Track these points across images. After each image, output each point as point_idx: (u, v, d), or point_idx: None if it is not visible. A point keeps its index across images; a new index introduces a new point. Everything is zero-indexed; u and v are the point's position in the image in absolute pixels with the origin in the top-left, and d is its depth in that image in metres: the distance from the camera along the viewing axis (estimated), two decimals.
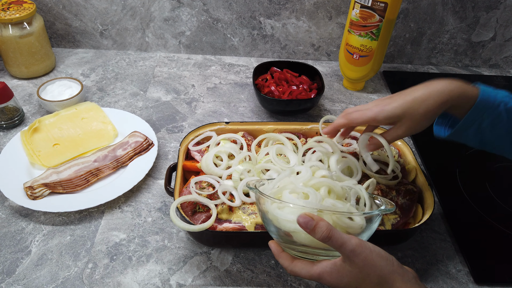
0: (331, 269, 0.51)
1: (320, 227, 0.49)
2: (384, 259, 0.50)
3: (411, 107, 0.60)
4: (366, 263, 0.49)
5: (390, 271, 0.50)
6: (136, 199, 0.80)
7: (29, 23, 1.03)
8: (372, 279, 0.49)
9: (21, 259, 0.69)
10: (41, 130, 0.90)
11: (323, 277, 0.51)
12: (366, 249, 0.49)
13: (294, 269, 0.53)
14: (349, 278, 0.50)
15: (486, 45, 1.25)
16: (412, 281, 0.51)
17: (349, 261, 0.49)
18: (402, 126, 0.62)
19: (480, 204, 0.83)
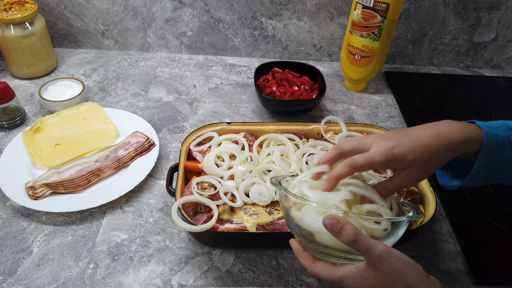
0: (354, 273, 0.49)
1: (346, 230, 0.47)
2: (410, 268, 0.48)
3: (423, 155, 0.53)
4: (392, 271, 0.47)
5: (416, 280, 0.48)
6: (138, 199, 0.80)
7: (31, 23, 1.03)
8: (397, 287, 0.48)
9: (23, 259, 0.69)
10: (43, 130, 0.90)
11: (344, 281, 0.50)
12: (392, 256, 0.48)
13: (315, 270, 0.52)
14: (372, 284, 0.48)
15: (488, 46, 1.25)
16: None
17: (374, 267, 0.48)
18: (410, 174, 0.55)
19: (482, 205, 0.83)
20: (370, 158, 0.53)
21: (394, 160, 0.53)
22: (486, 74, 1.28)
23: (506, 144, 0.56)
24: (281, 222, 0.68)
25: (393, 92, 1.15)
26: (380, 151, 0.53)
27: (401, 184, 0.56)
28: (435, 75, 1.25)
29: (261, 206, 0.70)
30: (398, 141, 0.54)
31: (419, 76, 1.24)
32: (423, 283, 0.48)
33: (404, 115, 1.07)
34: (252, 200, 0.69)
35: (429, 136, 0.54)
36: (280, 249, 0.73)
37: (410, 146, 0.53)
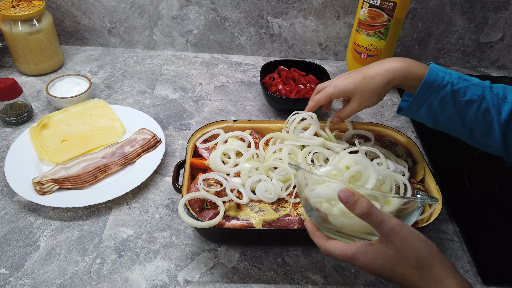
0: (366, 249, 0.49)
1: (360, 202, 0.48)
2: (423, 242, 0.49)
3: (361, 83, 0.67)
4: (404, 244, 0.47)
5: (429, 255, 0.48)
6: (144, 195, 0.80)
7: (38, 20, 1.03)
8: (409, 261, 0.48)
9: (30, 253, 0.69)
10: (50, 126, 0.90)
11: (357, 258, 0.50)
12: (405, 229, 0.48)
13: (328, 247, 0.53)
14: (384, 259, 0.48)
15: (494, 46, 1.24)
16: (452, 269, 0.49)
17: (387, 241, 0.48)
18: (355, 101, 0.70)
19: (488, 204, 0.83)
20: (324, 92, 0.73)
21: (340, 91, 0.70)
22: (493, 74, 1.27)
23: (447, 89, 0.60)
24: (287, 219, 0.68)
25: (399, 91, 1.15)
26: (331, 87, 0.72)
27: (350, 109, 0.72)
28: None
29: (267, 203, 0.70)
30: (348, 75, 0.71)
31: None
32: (435, 258, 0.48)
33: None
34: (258, 197, 0.69)
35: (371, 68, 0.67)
36: (285, 246, 0.73)
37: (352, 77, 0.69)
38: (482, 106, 0.61)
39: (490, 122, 0.61)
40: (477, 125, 0.62)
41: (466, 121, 0.62)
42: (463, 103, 0.61)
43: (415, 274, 0.48)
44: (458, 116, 0.62)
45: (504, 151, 0.64)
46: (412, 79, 0.64)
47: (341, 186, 0.51)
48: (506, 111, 0.60)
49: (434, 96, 0.62)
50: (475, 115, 0.61)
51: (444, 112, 0.63)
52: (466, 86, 0.61)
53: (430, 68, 0.63)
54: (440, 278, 0.47)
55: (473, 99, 0.61)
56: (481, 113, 0.61)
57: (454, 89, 0.61)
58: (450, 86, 0.61)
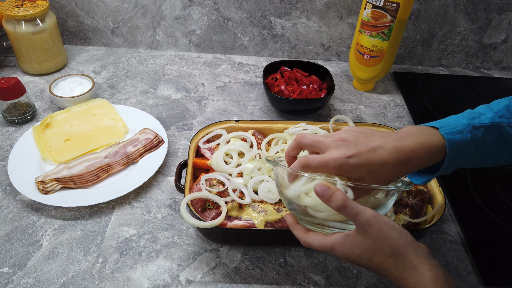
0: (344, 240, 0.51)
1: (336, 195, 0.49)
2: (397, 232, 0.50)
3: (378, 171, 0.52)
4: (380, 234, 0.49)
5: (403, 243, 0.50)
6: (146, 195, 0.80)
7: (42, 20, 1.04)
8: (384, 250, 0.49)
9: (32, 252, 0.69)
10: (53, 126, 0.91)
11: (335, 248, 0.51)
12: (380, 220, 0.49)
13: (308, 240, 0.54)
14: (361, 249, 0.50)
15: (498, 47, 1.24)
16: (425, 256, 0.50)
17: (363, 231, 0.49)
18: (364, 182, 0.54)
19: (491, 206, 0.82)
20: (325, 163, 0.52)
21: (348, 171, 0.52)
22: (496, 75, 1.27)
23: (470, 147, 0.56)
24: None
25: (402, 92, 1.15)
26: (336, 158, 0.51)
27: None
28: (444, 76, 1.24)
29: (269, 204, 0.70)
30: (357, 150, 0.52)
31: (428, 76, 1.23)
32: (409, 246, 0.50)
33: (413, 115, 1.07)
34: (260, 197, 0.69)
35: (389, 152, 0.52)
36: (287, 246, 0.73)
37: (367, 159, 0.52)
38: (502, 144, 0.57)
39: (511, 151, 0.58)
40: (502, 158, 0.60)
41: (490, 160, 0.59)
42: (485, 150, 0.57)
43: (391, 262, 0.49)
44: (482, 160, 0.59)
45: None
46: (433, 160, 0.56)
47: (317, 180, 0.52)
48: None
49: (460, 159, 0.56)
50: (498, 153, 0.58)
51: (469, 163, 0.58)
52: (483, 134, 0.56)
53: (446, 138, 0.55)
54: (414, 265, 0.49)
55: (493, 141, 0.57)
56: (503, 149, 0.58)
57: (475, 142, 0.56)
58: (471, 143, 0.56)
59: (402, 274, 0.49)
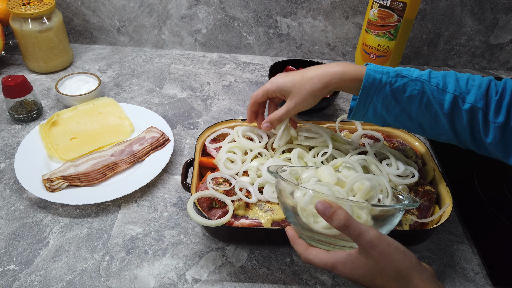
0: (346, 259, 0.50)
1: (338, 214, 0.48)
2: (402, 254, 0.49)
3: (299, 82, 0.66)
4: (383, 256, 0.48)
5: (408, 267, 0.48)
6: (152, 193, 0.80)
7: (48, 18, 1.04)
8: (388, 273, 0.48)
9: (39, 250, 0.69)
10: (59, 124, 0.91)
11: (337, 267, 0.50)
12: (384, 242, 0.48)
13: (309, 256, 0.53)
14: (363, 271, 0.49)
15: (505, 47, 1.23)
16: (431, 280, 0.49)
17: (365, 253, 0.48)
18: (291, 100, 0.68)
19: (498, 206, 0.82)
20: (262, 87, 0.71)
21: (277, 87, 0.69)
22: (502, 76, 1.26)
23: (387, 89, 0.61)
24: None
25: None
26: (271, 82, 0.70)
27: (286, 108, 0.69)
28: None
29: (276, 203, 0.70)
30: (287, 74, 0.69)
31: None
32: (414, 270, 0.49)
33: None
34: (266, 198, 0.69)
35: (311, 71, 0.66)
36: None
37: (291, 76, 0.68)
38: (423, 100, 0.61)
39: (435, 113, 0.62)
40: (424, 118, 0.63)
41: (412, 116, 0.63)
42: (404, 100, 0.61)
43: (394, 286, 0.48)
44: (404, 113, 0.63)
45: (455, 139, 0.65)
46: (350, 81, 0.64)
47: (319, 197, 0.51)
48: (448, 101, 0.60)
49: (376, 99, 0.63)
50: (419, 110, 0.62)
51: (390, 112, 0.64)
52: (405, 83, 0.61)
53: (366, 71, 0.63)
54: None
55: (413, 95, 0.61)
56: (424, 107, 0.61)
57: (393, 88, 0.61)
58: (388, 87, 0.61)
59: None
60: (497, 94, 0.60)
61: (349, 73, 0.64)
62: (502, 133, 0.60)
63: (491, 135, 0.60)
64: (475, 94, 0.60)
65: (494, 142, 0.61)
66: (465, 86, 0.61)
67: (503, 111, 0.59)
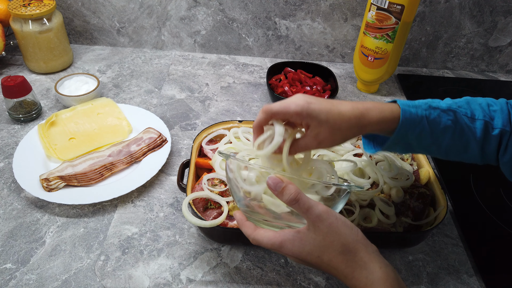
0: (294, 236, 0.50)
1: (288, 189, 0.49)
2: (349, 228, 0.50)
3: (335, 119, 0.55)
4: (331, 230, 0.49)
5: (354, 240, 0.49)
6: (149, 194, 0.81)
7: (48, 19, 1.05)
8: (335, 247, 0.49)
9: (36, 249, 0.70)
10: (58, 124, 0.92)
11: (284, 246, 0.50)
12: (332, 216, 0.49)
13: (256, 237, 0.53)
14: (312, 246, 0.49)
15: (504, 50, 1.23)
16: (376, 253, 0.50)
17: (314, 227, 0.49)
18: (319, 135, 0.56)
19: (494, 210, 0.82)
20: (286, 106, 0.55)
21: (308, 115, 0.54)
22: (501, 78, 1.26)
23: (424, 123, 0.58)
24: None
25: (406, 95, 1.15)
26: (297, 102, 0.55)
27: (307, 143, 0.57)
28: (449, 79, 1.24)
29: None
30: (317, 101, 0.56)
31: (433, 79, 1.23)
32: (360, 243, 0.50)
33: None
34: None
35: (346, 106, 0.57)
36: None
37: (326, 107, 0.55)
38: (457, 130, 0.59)
39: (466, 142, 0.60)
40: (454, 147, 0.61)
41: (442, 146, 0.61)
42: (439, 132, 0.59)
43: (341, 260, 0.49)
44: (435, 144, 0.61)
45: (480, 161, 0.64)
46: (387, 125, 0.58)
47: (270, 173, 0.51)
48: (479, 129, 0.59)
49: (411, 134, 0.59)
50: (451, 140, 0.60)
51: (421, 144, 0.60)
52: (439, 115, 0.59)
53: (401, 107, 0.58)
54: (365, 263, 0.49)
55: (448, 125, 0.59)
56: (457, 137, 0.60)
57: (429, 121, 0.59)
58: (425, 120, 0.58)
59: (353, 272, 0.49)
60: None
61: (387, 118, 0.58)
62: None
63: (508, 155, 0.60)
64: (501, 118, 0.60)
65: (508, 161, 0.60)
66: (488, 111, 0.61)
67: None
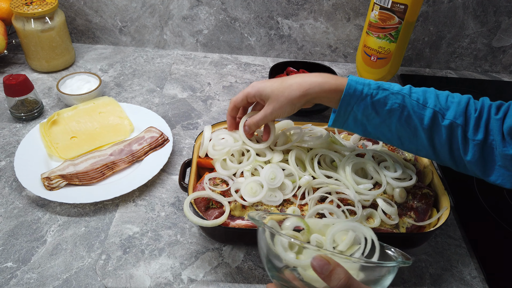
0: None
1: (337, 273, 0.43)
2: None
3: (278, 88, 0.66)
4: None
5: None
6: (150, 193, 0.80)
7: (51, 18, 1.05)
8: None
9: (37, 248, 0.70)
10: (60, 123, 0.91)
11: None
12: None
13: None
14: None
15: (507, 50, 1.23)
16: None
17: None
18: (268, 106, 0.68)
19: (497, 211, 0.81)
20: (242, 91, 0.71)
21: (257, 91, 0.68)
22: (505, 79, 1.26)
23: (368, 100, 0.62)
24: None
25: None
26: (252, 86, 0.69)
27: (263, 113, 0.69)
28: (452, 79, 1.23)
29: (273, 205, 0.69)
30: (267, 80, 0.69)
31: (436, 79, 1.23)
32: None
33: None
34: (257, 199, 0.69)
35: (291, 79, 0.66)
36: None
37: (271, 82, 0.67)
38: (404, 114, 0.61)
39: (414, 128, 0.62)
40: (403, 132, 0.63)
41: (392, 129, 0.63)
42: (385, 113, 0.62)
43: None
44: (384, 125, 0.63)
45: (433, 155, 0.65)
46: (330, 91, 0.63)
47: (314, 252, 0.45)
48: (428, 117, 0.61)
49: (357, 108, 0.62)
50: (399, 123, 0.62)
51: (370, 122, 0.63)
52: (386, 96, 0.61)
53: (348, 81, 0.62)
54: None
55: (394, 108, 0.61)
56: (404, 121, 0.62)
57: (374, 100, 0.61)
58: (369, 98, 0.61)
59: None
60: (476, 112, 0.61)
61: (330, 83, 0.63)
62: (481, 150, 0.60)
63: (470, 153, 0.61)
64: (455, 110, 0.61)
65: (473, 160, 0.61)
66: (445, 102, 0.62)
67: (481, 128, 0.60)
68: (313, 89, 0.64)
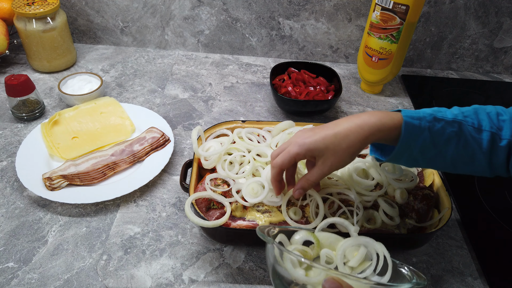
0: None
1: None
2: None
3: (333, 143, 0.57)
4: None
5: None
6: (151, 194, 0.80)
7: (52, 18, 1.05)
8: None
9: (38, 248, 0.70)
10: (61, 123, 0.91)
11: None
12: None
13: None
14: None
15: (509, 51, 1.23)
16: None
17: None
18: (326, 162, 0.59)
19: (498, 212, 0.81)
20: (287, 152, 0.60)
21: (308, 149, 0.58)
22: (506, 80, 1.25)
23: (426, 134, 0.58)
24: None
25: (410, 95, 1.14)
26: (295, 146, 0.59)
27: (319, 172, 0.60)
28: (453, 80, 1.23)
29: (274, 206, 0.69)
30: (312, 132, 0.59)
31: (437, 80, 1.22)
32: None
33: None
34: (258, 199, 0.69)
35: (342, 125, 0.58)
36: None
37: (321, 134, 0.58)
38: (461, 141, 0.59)
39: (472, 153, 0.59)
40: (459, 158, 0.60)
41: (447, 157, 0.60)
42: (442, 143, 0.59)
43: None
44: (439, 156, 0.60)
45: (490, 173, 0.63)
46: (388, 133, 0.58)
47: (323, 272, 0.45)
48: (486, 140, 0.58)
49: (414, 145, 0.59)
50: (456, 151, 0.59)
51: (425, 155, 0.60)
52: (442, 127, 0.59)
53: (403, 118, 0.58)
54: None
55: (451, 137, 0.59)
56: (461, 147, 0.59)
57: (432, 132, 0.58)
58: (428, 132, 0.58)
59: None
60: None
61: (387, 124, 0.58)
62: None
63: None
64: (510, 128, 0.59)
65: None
66: (496, 121, 0.60)
67: None
68: (373, 135, 0.58)
